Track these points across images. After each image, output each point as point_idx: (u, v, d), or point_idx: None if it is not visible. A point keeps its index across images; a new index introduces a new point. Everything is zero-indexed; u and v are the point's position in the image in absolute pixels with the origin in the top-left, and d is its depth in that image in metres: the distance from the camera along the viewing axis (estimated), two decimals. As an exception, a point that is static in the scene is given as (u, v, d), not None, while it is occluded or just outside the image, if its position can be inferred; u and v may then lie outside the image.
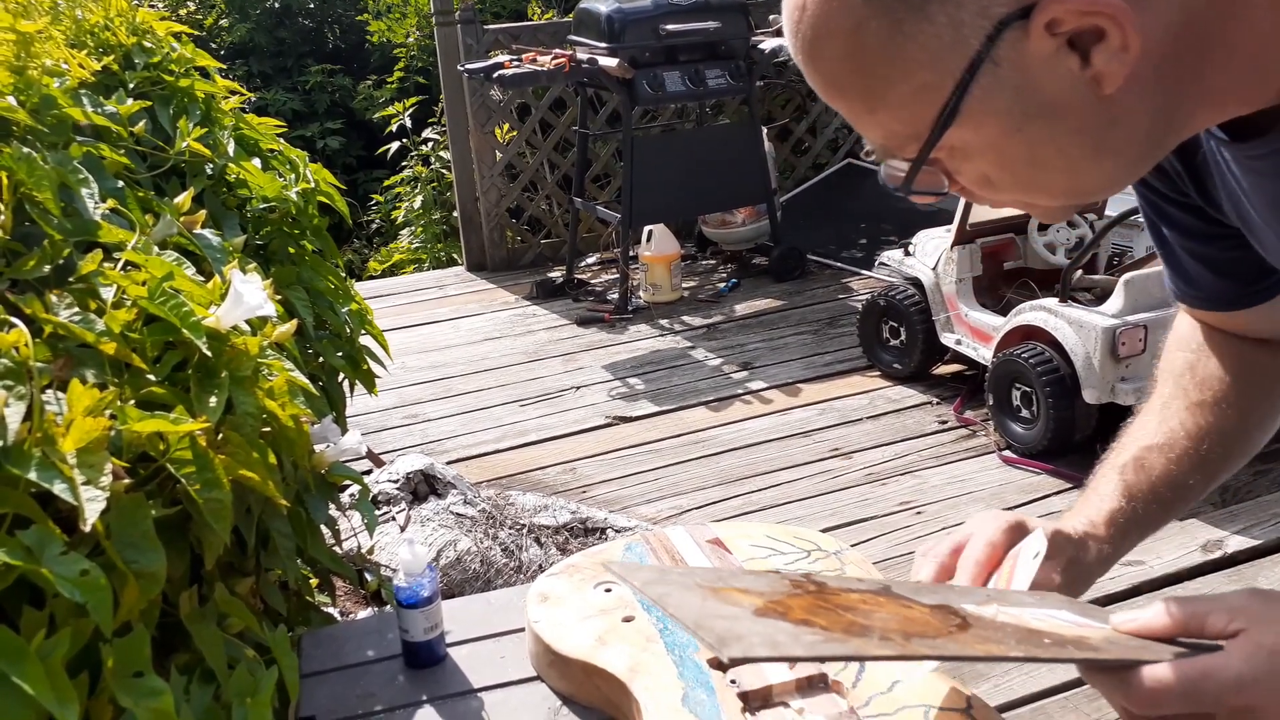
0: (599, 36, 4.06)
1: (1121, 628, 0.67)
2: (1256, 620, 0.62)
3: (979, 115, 0.62)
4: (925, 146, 0.64)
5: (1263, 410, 0.91)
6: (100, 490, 0.75)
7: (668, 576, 0.73)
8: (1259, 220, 0.73)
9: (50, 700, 0.67)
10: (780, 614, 0.66)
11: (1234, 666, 0.60)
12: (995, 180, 0.67)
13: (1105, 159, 0.65)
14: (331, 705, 1.11)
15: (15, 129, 1.15)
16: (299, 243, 1.61)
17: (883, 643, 0.64)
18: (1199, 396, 0.90)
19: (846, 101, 0.66)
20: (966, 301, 3.18)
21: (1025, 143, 0.63)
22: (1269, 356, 0.90)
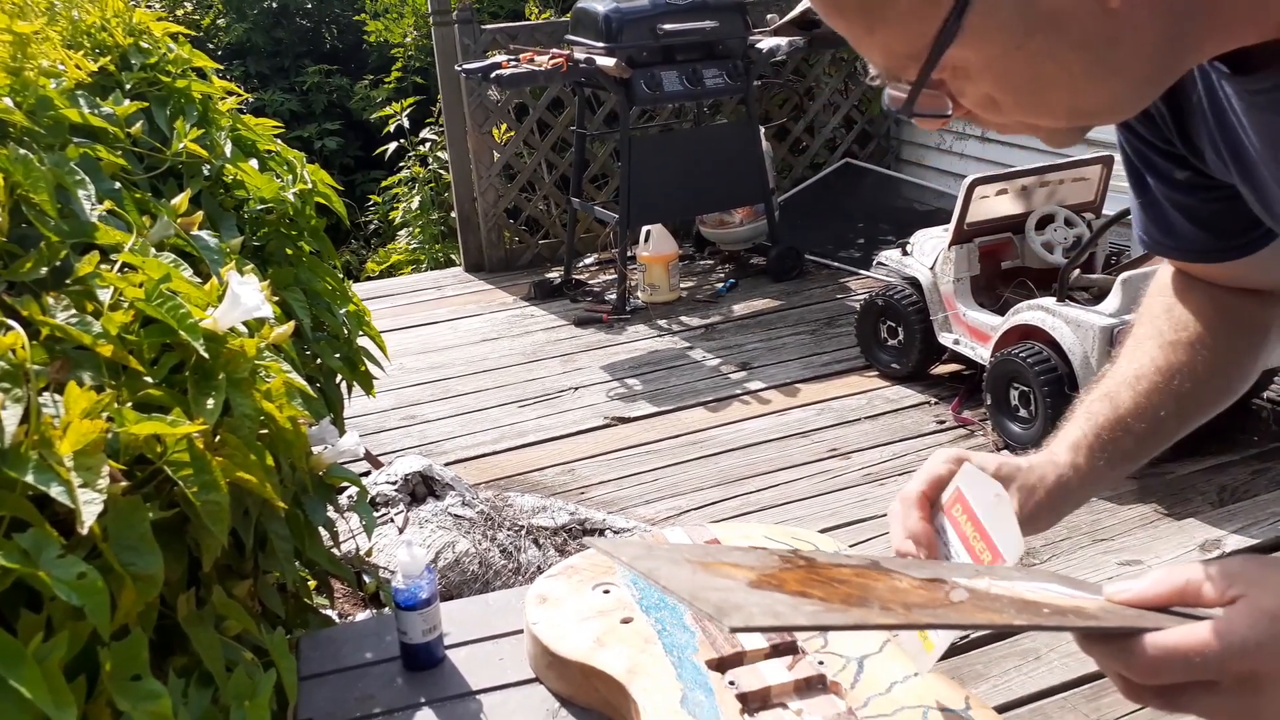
0: (596, 36, 4.06)
1: (1115, 598, 0.66)
2: (1254, 584, 0.60)
3: (980, 30, 0.60)
4: (926, 65, 0.61)
5: (1240, 352, 0.90)
6: (97, 493, 0.75)
7: (655, 552, 0.71)
8: (1255, 157, 0.71)
9: (48, 703, 0.67)
10: (775, 586, 0.65)
11: (1237, 632, 0.59)
12: (999, 101, 0.65)
13: (1109, 77, 0.62)
14: (330, 708, 1.10)
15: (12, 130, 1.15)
16: (296, 244, 1.61)
17: (884, 612, 0.63)
18: (1173, 336, 0.89)
19: (846, 20, 0.64)
20: (964, 301, 3.18)
21: (1027, 58, 0.61)
22: (1254, 304, 0.89)
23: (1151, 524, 2.61)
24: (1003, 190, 3.17)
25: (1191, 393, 0.88)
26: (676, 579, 0.63)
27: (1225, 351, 0.89)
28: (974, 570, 0.77)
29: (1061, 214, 3.19)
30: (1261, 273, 0.87)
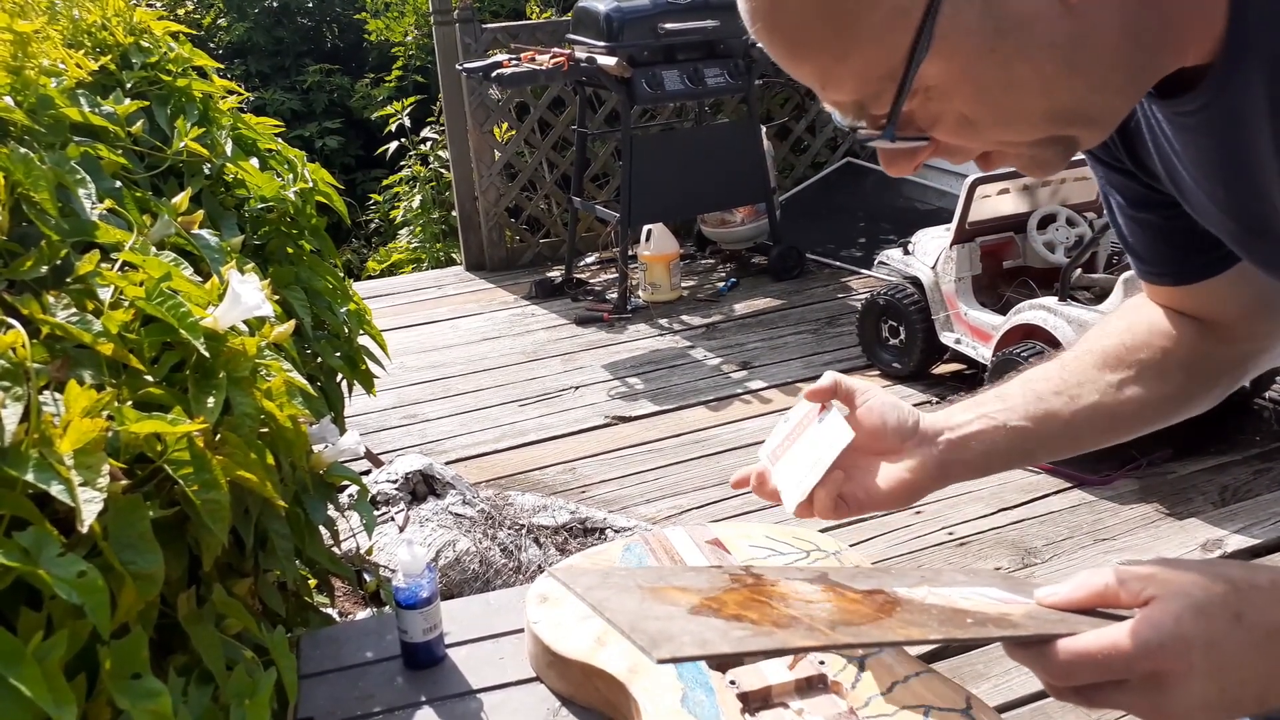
0: (597, 35, 4.06)
1: (1044, 601, 0.69)
2: (1164, 586, 0.63)
3: (951, 38, 0.61)
4: (904, 80, 0.63)
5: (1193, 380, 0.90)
6: (98, 491, 0.75)
7: (609, 580, 0.73)
8: (1189, 180, 0.72)
9: (48, 702, 0.67)
10: (714, 610, 0.68)
11: (1141, 635, 0.61)
12: (974, 118, 0.66)
13: (1076, 77, 0.64)
14: (330, 706, 1.10)
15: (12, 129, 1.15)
16: (297, 243, 1.61)
17: (808, 633, 0.65)
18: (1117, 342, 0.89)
19: (815, 55, 0.65)
20: (966, 300, 3.18)
21: (1000, 61, 0.63)
22: (1216, 341, 0.89)
23: (1153, 524, 2.61)
24: (1004, 190, 3.17)
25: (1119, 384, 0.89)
26: (621, 610, 0.66)
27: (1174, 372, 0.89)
28: (918, 577, 0.79)
29: (1063, 213, 3.19)
30: (1229, 300, 0.87)
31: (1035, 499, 2.76)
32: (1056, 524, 2.63)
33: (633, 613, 0.66)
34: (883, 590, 0.75)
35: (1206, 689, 0.61)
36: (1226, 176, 0.70)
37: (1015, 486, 2.82)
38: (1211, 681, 0.61)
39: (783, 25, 0.64)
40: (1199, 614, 0.61)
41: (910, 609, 0.71)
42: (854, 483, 0.89)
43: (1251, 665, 0.61)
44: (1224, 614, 0.61)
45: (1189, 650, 0.61)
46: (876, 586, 0.76)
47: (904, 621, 0.69)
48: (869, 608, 0.71)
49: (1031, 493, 2.79)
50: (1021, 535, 2.61)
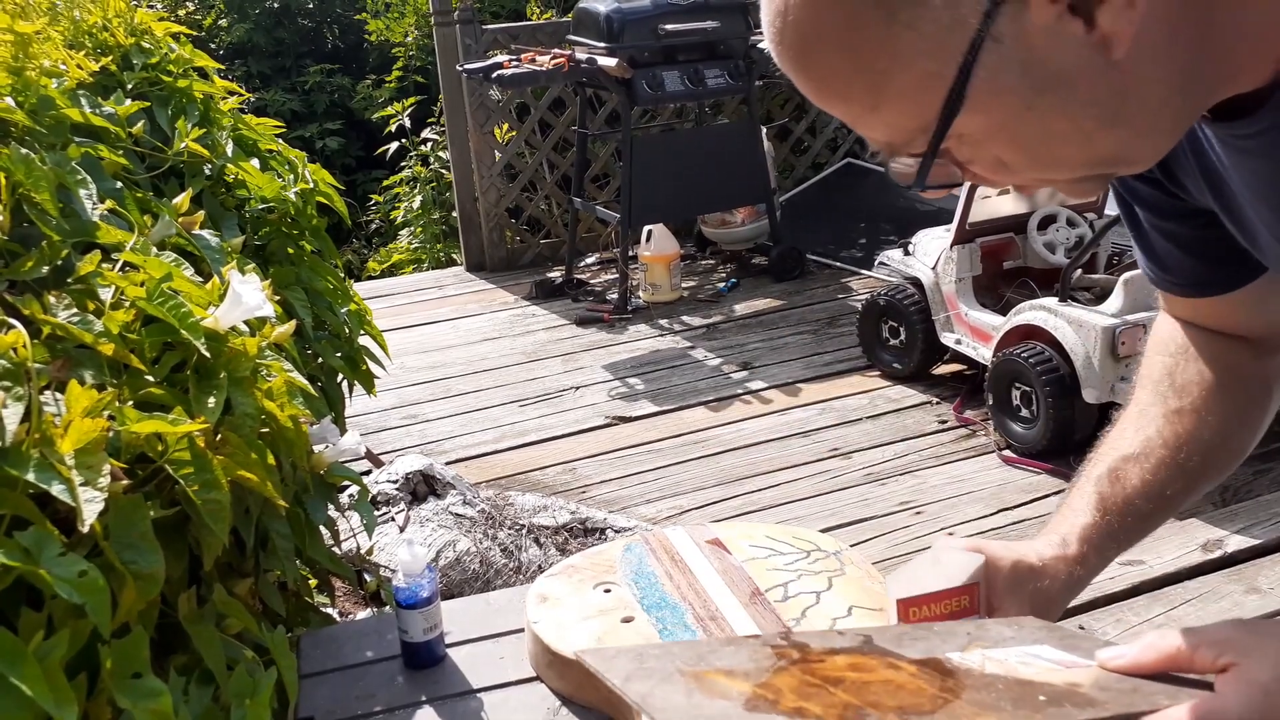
0: (598, 36, 4.06)
1: (1109, 665, 0.67)
2: (1245, 654, 0.61)
3: (986, 97, 0.59)
4: (935, 137, 0.61)
5: (1245, 415, 0.89)
6: (98, 491, 0.75)
7: (646, 663, 0.69)
8: (1240, 200, 0.71)
9: (48, 701, 0.67)
10: (771, 701, 0.63)
11: (1232, 708, 0.60)
12: (1010, 162, 0.65)
13: (1120, 129, 0.62)
14: (330, 706, 1.11)
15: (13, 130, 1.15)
16: (298, 243, 1.61)
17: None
18: (1177, 404, 0.88)
19: (846, 103, 0.64)
20: (966, 301, 3.18)
21: (1038, 119, 0.61)
22: (1250, 358, 0.88)
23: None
24: (1005, 190, 3.17)
25: (1199, 464, 0.87)
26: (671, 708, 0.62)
27: (1230, 417, 0.88)
28: (966, 636, 0.75)
29: (1063, 214, 3.19)
30: (1255, 313, 0.86)
31: (1036, 499, 2.76)
32: (1057, 524, 2.63)
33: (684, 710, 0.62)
34: (937, 659, 0.71)
35: None
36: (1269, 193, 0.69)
37: (1015, 487, 2.82)
38: None
39: (814, 73, 0.63)
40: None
41: (975, 686, 0.67)
42: None
43: None
44: None
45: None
46: (928, 654, 0.72)
47: (975, 704, 0.64)
48: (932, 687, 0.67)
49: (1031, 493, 2.79)
50: (1022, 535, 2.60)
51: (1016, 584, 0.83)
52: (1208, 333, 0.89)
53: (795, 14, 0.61)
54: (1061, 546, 0.85)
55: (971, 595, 0.82)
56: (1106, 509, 0.86)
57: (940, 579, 0.82)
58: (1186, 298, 0.88)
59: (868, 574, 1.16)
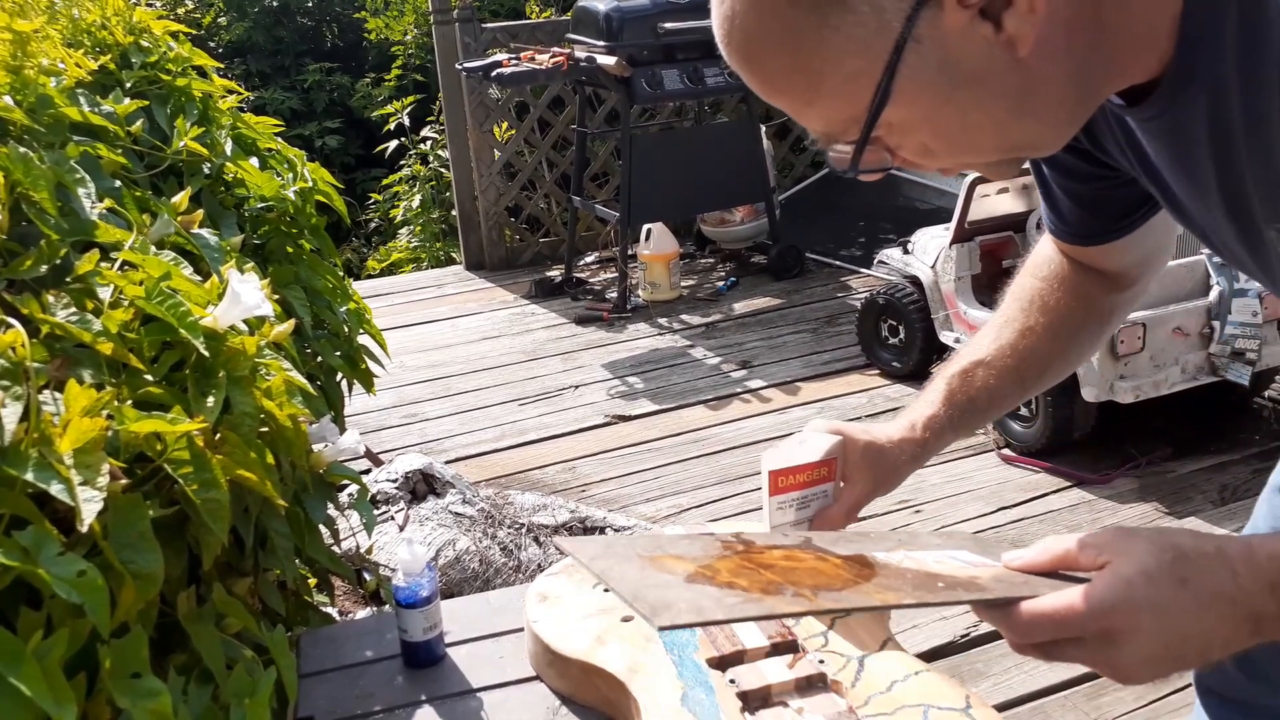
0: (597, 35, 4.06)
1: (1011, 565, 0.76)
2: (1118, 553, 0.69)
3: (910, 91, 0.68)
4: (865, 128, 0.70)
5: (1086, 343, 1.06)
6: (97, 491, 0.75)
7: (612, 549, 0.79)
8: (1163, 173, 0.81)
9: (48, 701, 0.67)
10: (709, 577, 0.73)
11: (1095, 596, 0.68)
12: (933, 148, 0.74)
13: (1028, 118, 0.72)
14: (330, 705, 1.11)
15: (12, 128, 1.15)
16: (297, 242, 1.61)
17: (794, 599, 0.71)
18: (1034, 322, 1.03)
19: (786, 98, 0.72)
20: (965, 299, 3.18)
21: (955, 111, 0.70)
22: (1103, 292, 1.03)
23: (1153, 523, 2.61)
24: (1004, 189, 3.16)
25: (1034, 379, 1.04)
26: (624, 580, 0.71)
27: (1074, 342, 1.05)
28: (895, 541, 0.85)
29: (1062, 212, 3.18)
30: (1121, 258, 1.02)
31: (1035, 498, 2.76)
32: (1056, 523, 2.63)
33: (634, 582, 0.71)
34: (863, 555, 0.81)
35: (1153, 646, 0.67)
36: (1176, 173, 0.80)
37: (1015, 485, 2.82)
38: (1157, 640, 0.67)
39: (758, 71, 0.71)
40: (1149, 579, 0.67)
41: (887, 574, 0.77)
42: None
43: (1195, 625, 0.67)
44: (1171, 579, 0.67)
45: (1138, 612, 0.67)
46: (857, 551, 0.81)
47: (880, 586, 0.74)
48: (849, 573, 0.77)
49: (1031, 491, 2.79)
50: (1021, 534, 2.61)
51: (867, 460, 0.99)
52: (1079, 265, 1.03)
53: (741, 19, 0.69)
54: (910, 430, 1.01)
55: (830, 467, 0.98)
56: (953, 403, 1.02)
57: (804, 454, 0.98)
58: (1076, 245, 1.02)
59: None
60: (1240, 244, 0.79)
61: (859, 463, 0.99)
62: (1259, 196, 0.73)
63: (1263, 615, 0.68)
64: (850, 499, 1.00)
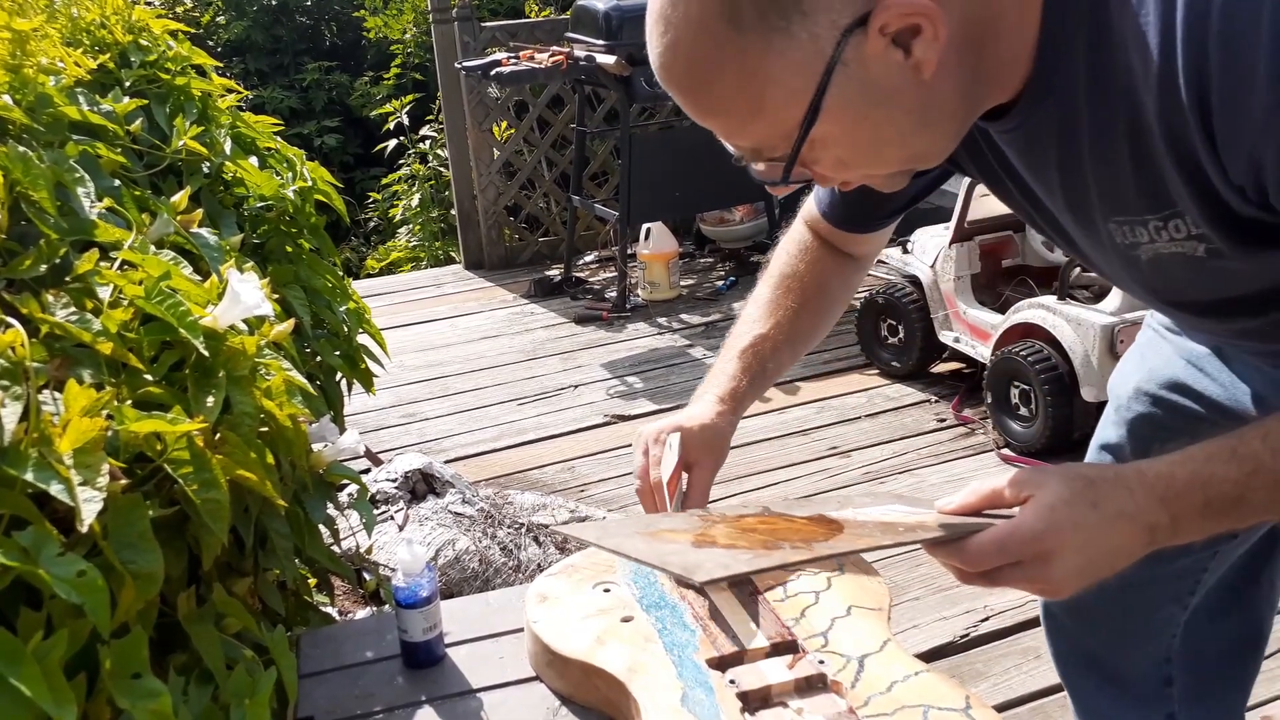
0: (596, 33, 4.06)
1: (945, 509, 0.86)
2: (1037, 486, 0.81)
3: (835, 109, 0.78)
4: (797, 142, 0.79)
5: (832, 313, 1.26)
6: (97, 491, 0.75)
7: (608, 528, 0.89)
8: (1027, 180, 0.93)
9: (48, 701, 0.67)
10: (710, 543, 0.84)
11: (1028, 523, 0.80)
12: (848, 161, 0.85)
13: (927, 131, 0.83)
14: (330, 705, 1.10)
15: (11, 127, 1.15)
16: (296, 241, 1.61)
17: (796, 550, 0.82)
18: (797, 302, 1.22)
19: (726, 118, 0.81)
20: (965, 299, 3.18)
21: (871, 126, 0.80)
22: (843, 268, 1.24)
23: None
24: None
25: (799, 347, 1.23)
26: (641, 550, 0.80)
27: (825, 315, 1.25)
28: (836, 504, 0.97)
29: (1062, 212, 3.19)
30: (867, 243, 1.23)
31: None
32: (1055, 523, 2.63)
33: (651, 551, 0.79)
34: (821, 514, 0.92)
35: (1078, 560, 0.80)
36: (1030, 173, 0.92)
37: (1014, 485, 2.82)
38: (1080, 554, 0.80)
39: (702, 98, 0.81)
40: (1068, 504, 0.80)
41: (852, 527, 0.88)
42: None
43: (1107, 539, 0.80)
44: (1085, 503, 0.80)
45: (1064, 532, 0.79)
46: (814, 512, 0.93)
47: (854, 535, 0.86)
48: (822, 529, 0.87)
49: (1030, 491, 2.79)
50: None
51: (705, 440, 1.16)
52: (827, 246, 1.23)
53: (687, 48, 0.79)
54: (721, 404, 1.18)
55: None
56: (749, 374, 1.19)
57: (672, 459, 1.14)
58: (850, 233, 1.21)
59: (866, 573, 1.16)
60: (1078, 232, 0.93)
61: (701, 445, 1.15)
62: (1099, 193, 0.85)
63: (1156, 526, 0.80)
64: (703, 477, 1.15)
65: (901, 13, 0.74)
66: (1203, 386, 1.15)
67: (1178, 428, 1.15)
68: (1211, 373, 1.15)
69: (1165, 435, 1.18)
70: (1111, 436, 1.27)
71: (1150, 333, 1.26)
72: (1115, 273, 0.98)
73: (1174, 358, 1.20)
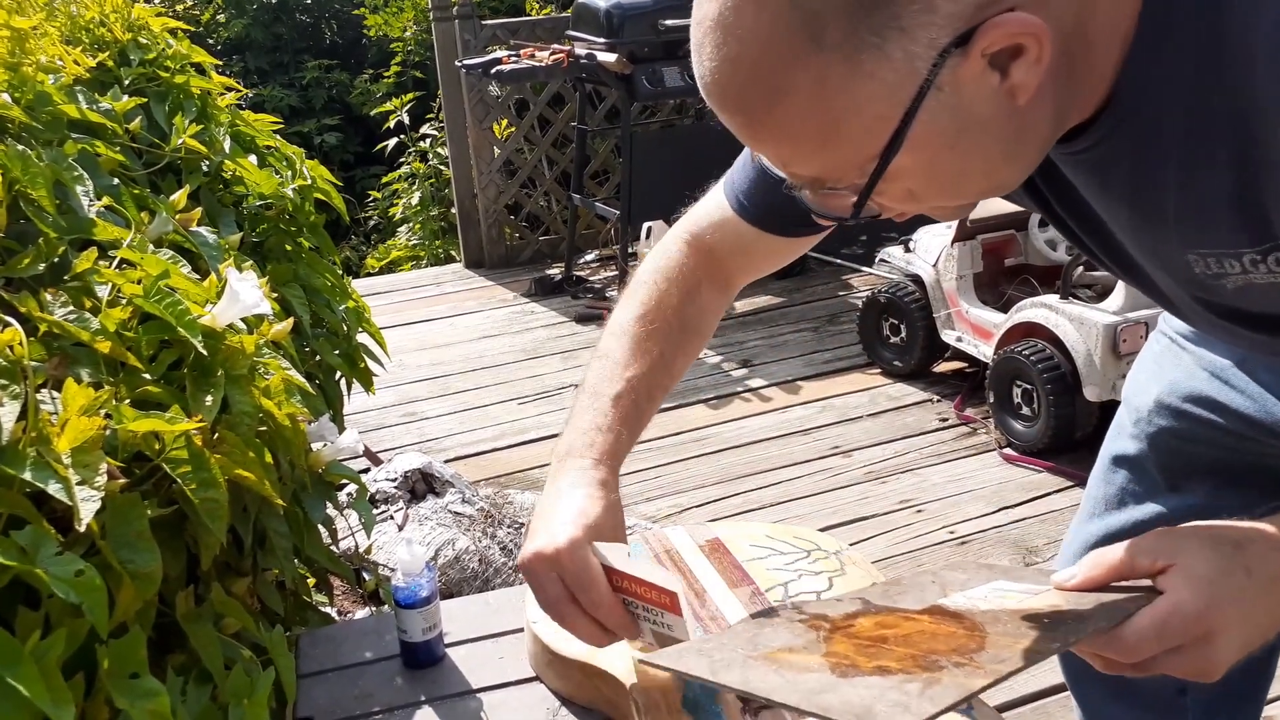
0: (597, 31, 4.05)
1: (1066, 586, 0.75)
2: (1176, 554, 0.71)
3: (921, 138, 0.68)
4: (874, 174, 0.69)
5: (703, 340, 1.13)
6: (95, 490, 0.74)
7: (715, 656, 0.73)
8: (1089, 204, 0.83)
9: (45, 702, 0.66)
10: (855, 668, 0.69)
11: (1188, 603, 0.69)
12: (919, 193, 0.74)
13: (1015, 162, 0.74)
14: (329, 706, 1.10)
15: (10, 126, 1.15)
16: (295, 240, 1.61)
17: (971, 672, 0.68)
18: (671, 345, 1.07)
19: (793, 146, 0.71)
20: (967, 298, 3.18)
21: (957, 156, 0.70)
22: (723, 304, 1.13)
23: (1153, 522, 2.60)
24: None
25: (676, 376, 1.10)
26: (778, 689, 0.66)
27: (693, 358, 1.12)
28: (936, 586, 0.83)
29: (1063, 211, 3.18)
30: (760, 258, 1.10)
31: (1036, 497, 2.76)
32: (1058, 522, 2.63)
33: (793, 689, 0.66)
34: (938, 605, 0.78)
35: (1241, 637, 0.70)
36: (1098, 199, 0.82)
37: (1016, 485, 2.82)
38: (1243, 629, 0.70)
39: (763, 118, 0.69)
40: (1224, 574, 0.70)
41: (988, 621, 0.74)
42: None
43: (1264, 609, 0.71)
44: (1239, 570, 0.70)
45: (1225, 608, 0.69)
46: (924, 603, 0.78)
47: (1003, 634, 0.72)
48: (956, 628, 0.74)
49: (1033, 491, 2.79)
50: (1023, 534, 2.61)
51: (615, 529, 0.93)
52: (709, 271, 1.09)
53: (751, 66, 0.67)
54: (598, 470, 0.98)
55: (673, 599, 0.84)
56: (628, 425, 1.04)
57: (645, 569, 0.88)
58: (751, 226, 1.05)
59: (868, 573, 1.15)
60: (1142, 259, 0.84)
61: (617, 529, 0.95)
62: (1180, 222, 0.76)
63: None
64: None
65: (1009, 31, 0.65)
66: (1228, 399, 1.09)
67: (1203, 441, 1.10)
68: (1237, 385, 1.08)
69: (1190, 450, 1.12)
70: (1130, 449, 1.21)
71: (1165, 340, 1.18)
72: (1177, 296, 0.87)
73: (1195, 370, 1.12)
